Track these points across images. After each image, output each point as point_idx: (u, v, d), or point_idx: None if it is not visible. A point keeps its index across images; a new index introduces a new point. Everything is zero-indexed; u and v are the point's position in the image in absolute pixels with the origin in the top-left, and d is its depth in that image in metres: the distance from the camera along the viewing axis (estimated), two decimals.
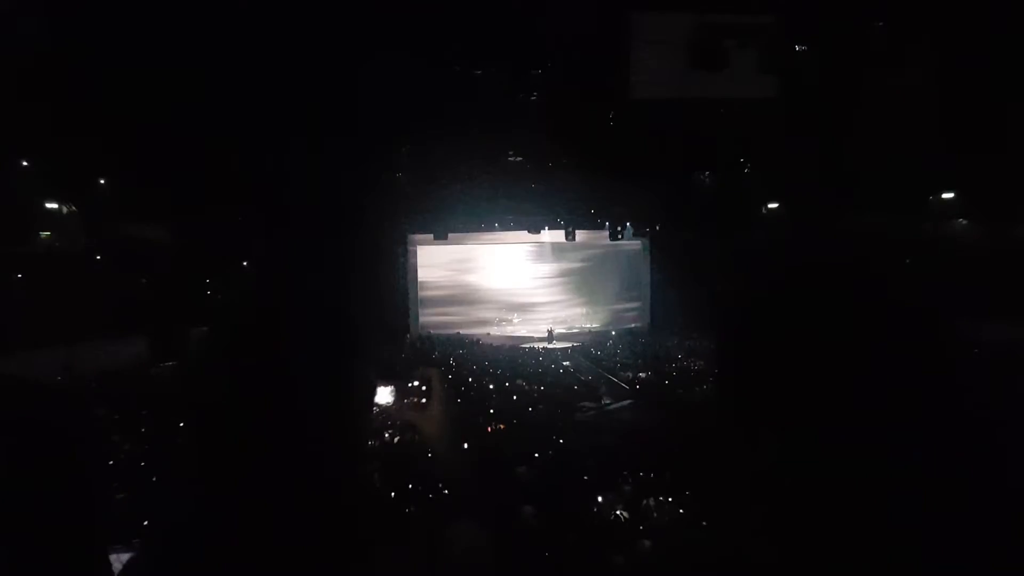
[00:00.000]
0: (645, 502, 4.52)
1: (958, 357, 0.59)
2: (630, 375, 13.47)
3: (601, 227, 21.73)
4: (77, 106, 9.95)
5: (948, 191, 17.10)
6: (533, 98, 12.34)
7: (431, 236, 21.14)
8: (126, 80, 9.76)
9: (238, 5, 8.47)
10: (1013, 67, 9.61)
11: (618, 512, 4.43)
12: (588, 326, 22.04)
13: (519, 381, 11.82)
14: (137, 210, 13.96)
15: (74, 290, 13.12)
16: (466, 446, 1.30)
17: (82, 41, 8.74)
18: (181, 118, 10.95)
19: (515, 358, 16.34)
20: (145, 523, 3.38)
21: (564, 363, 15.82)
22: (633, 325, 22.30)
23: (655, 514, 4.35)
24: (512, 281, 22.43)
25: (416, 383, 1.28)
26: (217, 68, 9.75)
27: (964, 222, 16.82)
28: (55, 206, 13.56)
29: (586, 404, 10.47)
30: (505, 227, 21.66)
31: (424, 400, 1.27)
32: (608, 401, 10.95)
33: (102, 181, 14.15)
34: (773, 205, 20.91)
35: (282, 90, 10.60)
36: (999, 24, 8.68)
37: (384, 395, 1.27)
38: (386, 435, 4.81)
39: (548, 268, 22.64)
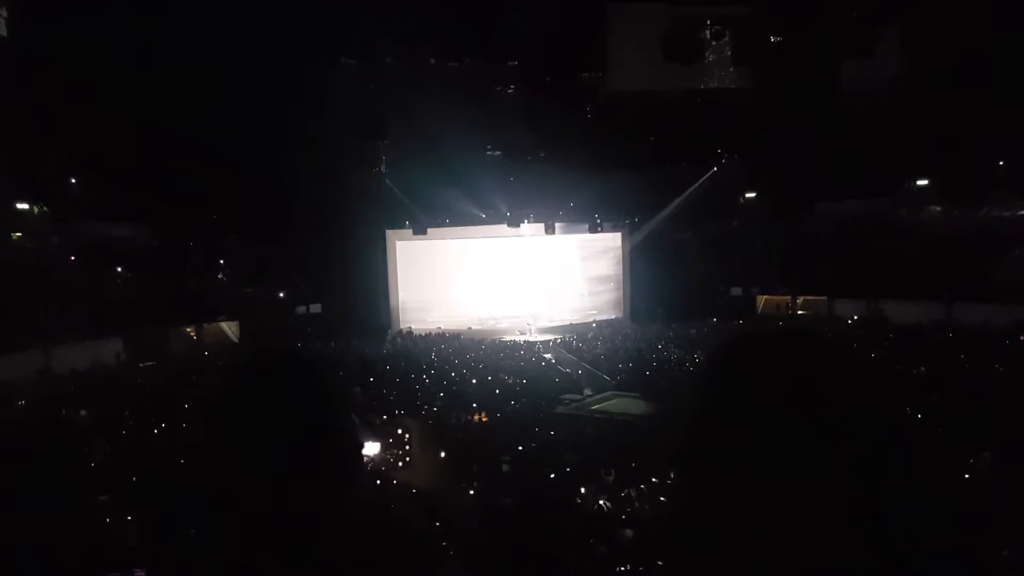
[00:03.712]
0: (626, 492, 4.57)
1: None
2: (610, 366, 13.52)
3: (580, 220, 21.77)
4: (47, 104, 9.73)
5: (920, 178, 17.38)
6: (510, 91, 12.35)
7: (410, 232, 21.06)
8: (93, 80, 9.58)
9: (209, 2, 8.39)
10: (984, 60, 9.84)
11: (601, 503, 4.47)
12: (569, 319, 22.06)
13: (501, 375, 11.82)
14: (110, 211, 13.71)
15: (51, 291, 12.83)
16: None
17: (48, 38, 8.57)
18: (152, 118, 10.76)
19: (497, 352, 16.33)
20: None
21: (546, 356, 15.87)
22: (614, 316, 22.41)
23: (637, 504, 4.40)
24: (496, 276, 22.31)
25: (399, 432, 1.26)
26: (188, 66, 9.59)
27: (937, 208, 17.11)
28: (26, 207, 13.25)
29: (568, 396, 10.52)
30: (483, 221, 21.59)
31: (406, 451, 1.25)
32: (590, 393, 11.01)
33: (73, 181, 13.86)
34: (749, 195, 21.16)
35: (257, 88, 10.46)
36: (972, 17, 8.88)
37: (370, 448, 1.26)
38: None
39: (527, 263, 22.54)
